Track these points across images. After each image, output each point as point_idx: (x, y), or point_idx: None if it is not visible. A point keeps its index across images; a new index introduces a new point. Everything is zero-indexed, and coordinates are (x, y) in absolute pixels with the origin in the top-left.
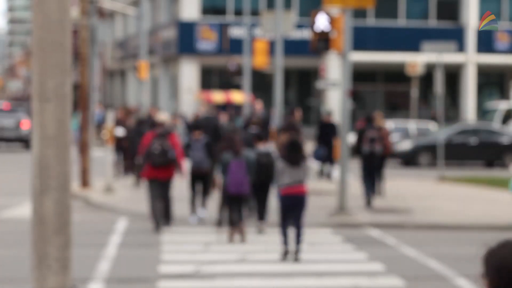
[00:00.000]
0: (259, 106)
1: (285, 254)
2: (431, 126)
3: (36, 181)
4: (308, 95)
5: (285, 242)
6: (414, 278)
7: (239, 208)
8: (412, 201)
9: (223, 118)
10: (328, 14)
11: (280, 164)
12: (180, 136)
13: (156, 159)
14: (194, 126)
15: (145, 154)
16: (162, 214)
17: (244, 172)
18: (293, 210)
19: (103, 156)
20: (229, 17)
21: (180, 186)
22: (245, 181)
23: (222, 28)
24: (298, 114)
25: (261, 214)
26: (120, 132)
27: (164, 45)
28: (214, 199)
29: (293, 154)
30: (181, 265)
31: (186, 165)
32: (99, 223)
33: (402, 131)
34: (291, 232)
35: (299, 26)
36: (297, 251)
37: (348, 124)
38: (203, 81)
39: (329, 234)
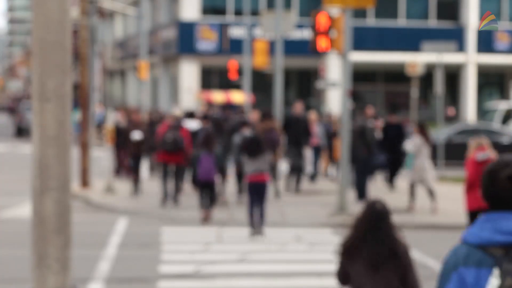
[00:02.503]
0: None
1: (252, 234)
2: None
3: (36, 181)
4: (308, 95)
5: (252, 223)
6: None
7: (208, 193)
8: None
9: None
10: (328, 14)
11: (244, 157)
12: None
13: (169, 146)
14: (203, 117)
15: (160, 141)
16: (172, 193)
17: (212, 164)
18: (256, 195)
19: (103, 156)
20: (229, 17)
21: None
22: (212, 171)
23: (222, 28)
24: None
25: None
26: (137, 135)
27: (164, 45)
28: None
29: (252, 148)
30: (181, 265)
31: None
32: (99, 223)
33: None
34: (257, 212)
35: (299, 26)
36: (260, 227)
37: (348, 124)
38: (203, 81)
39: (329, 234)
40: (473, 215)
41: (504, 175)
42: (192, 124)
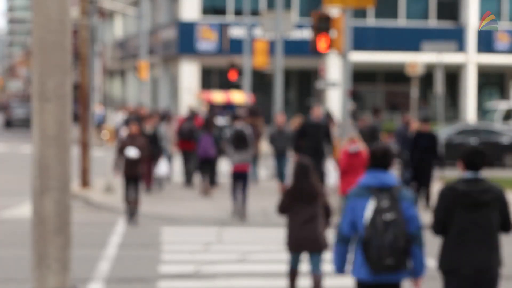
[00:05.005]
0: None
1: (234, 212)
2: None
3: (36, 181)
4: (308, 95)
5: (235, 206)
6: None
7: (208, 169)
8: None
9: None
10: (328, 14)
11: (231, 149)
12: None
13: (186, 135)
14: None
15: (178, 132)
16: (191, 173)
17: (211, 143)
18: (239, 182)
19: (103, 156)
20: (229, 17)
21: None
22: (211, 150)
23: (222, 28)
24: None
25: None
26: (133, 152)
27: (164, 45)
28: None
29: (238, 141)
30: (181, 265)
31: None
32: (99, 223)
33: None
34: (239, 198)
35: (299, 26)
36: (243, 210)
37: (348, 124)
38: (203, 81)
39: (329, 234)
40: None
41: (379, 151)
42: None
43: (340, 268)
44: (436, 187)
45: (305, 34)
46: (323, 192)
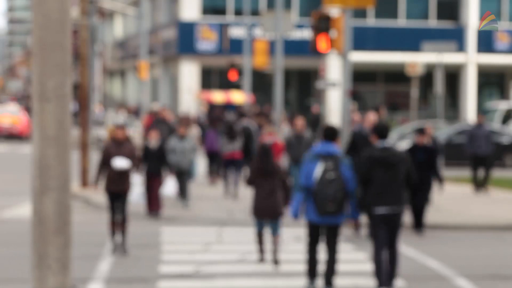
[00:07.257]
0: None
1: (227, 193)
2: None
3: (36, 181)
4: (308, 95)
5: (227, 187)
6: (414, 278)
7: (214, 161)
8: None
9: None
10: (328, 14)
11: (223, 141)
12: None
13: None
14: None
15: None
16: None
17: (215, 138)
18: (231, 168)
19: None
20: (229, 17)
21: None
22: (215, 144)
23: (222, 28)
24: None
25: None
26: (121, 162)
27: (164, 45)
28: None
29: (228, 133)
30: (181, 265)
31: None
32: (99, 223)
33: None
34: (232, 182)
35: (299, 26)
36: (235, 192)
37: (348, 124)
38: (203, 81)
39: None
40: None
41: (328, 129)
42: None
43: (295, 213)
44: (435, 186)
45: (305, 34)
46: (281, 169)
